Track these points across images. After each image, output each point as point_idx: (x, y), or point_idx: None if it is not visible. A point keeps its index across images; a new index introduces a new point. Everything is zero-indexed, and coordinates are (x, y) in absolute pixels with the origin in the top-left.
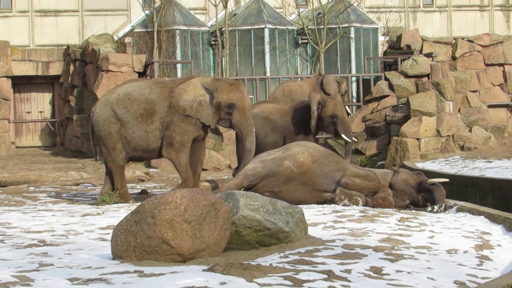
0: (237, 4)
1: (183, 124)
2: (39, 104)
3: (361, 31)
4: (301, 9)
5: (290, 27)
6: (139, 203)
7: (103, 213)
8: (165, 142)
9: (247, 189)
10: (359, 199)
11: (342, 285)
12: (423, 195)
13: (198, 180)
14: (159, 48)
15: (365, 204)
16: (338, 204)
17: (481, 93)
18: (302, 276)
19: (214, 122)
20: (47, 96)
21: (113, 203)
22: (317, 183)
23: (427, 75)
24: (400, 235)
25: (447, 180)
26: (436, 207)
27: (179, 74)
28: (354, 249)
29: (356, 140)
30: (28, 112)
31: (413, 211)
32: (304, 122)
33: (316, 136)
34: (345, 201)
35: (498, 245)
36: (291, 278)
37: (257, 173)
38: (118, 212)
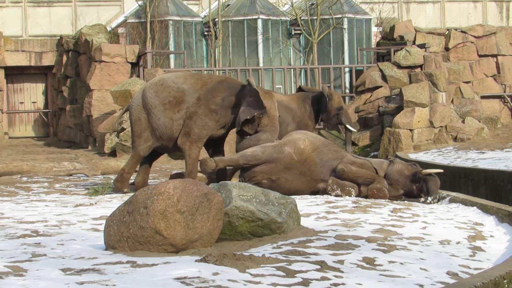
0: None
1: (206, 118)
2: (32, 95)
3: (354, 22)
4: (294, 0)
5: (283, 18)
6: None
7: (96, 203)
8: (183, 131)
9: (242, 171)
10: (352, 190)
11: (334, 276)
12: (417, 185)
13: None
14: (152, 39)
15: (358, 195)
16: (330, 194)
17: (474, 84)
18: (294, 266)
19: (240, 125)
20: (40, 87)
21: (106, 194)
22: (315, 172)
23: (420, 66)
24: (393, 226)
25: (441, 171)
26: (429, 198)
27: (172, 65)
28: (347, 240)
29: (355, 130)
30: (21, 103)
31: (405, 202)
32: (317, 113)
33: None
34: (337, 191)
35: (491, 236)
36: (283, 269)
37: (256, 155)
38: (111, 203)
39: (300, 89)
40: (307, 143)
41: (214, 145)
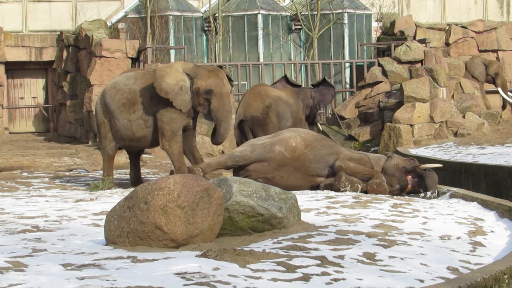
0: None
1: (169, 113)
2: (32, 90)
3: (355, 17)
4: None
5: (283, 13)
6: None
7: (96, 198)
8: (159, 133)
9: (235, 170)
10: (359, 186)
11: (335, 271)
12: (415, 181)
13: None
14: (152, 34)
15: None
16: (341, 190)
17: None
18: (295, 261)
19: (187, 108)
20: (41, 82)
21: (106, 189)
22: (310, 168)
23: (421, 61)
24: (393, 221)
25: (439, 165)
26: (428, 193)
27: (172, 60)
28: (347, 235)
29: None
30: (22, 98)
31: (406, 197)
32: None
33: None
34: (347, 188)
35: (491, 231)
36: (284, 264)
37: (244, 155)
38: (112, 198)
39: (286, 78)
40: (298, 140)
41: (184, 136)
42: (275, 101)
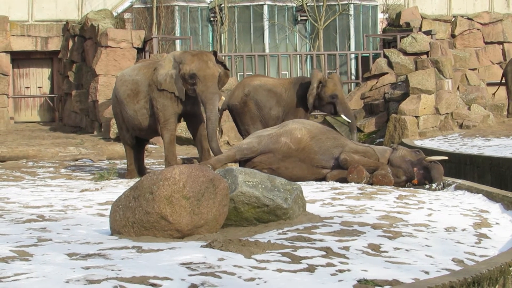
0: None
1: (161, 99)
2: (38, 80)
3: (360, 8)
4: None
5: (289, 4)
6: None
7: (101, 188)
8: (156, 121)
9: (241, 163)
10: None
11: (340, 262)
12: (421, 173)
13: (209, 154)
14: (158, 24)
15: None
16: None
17: (480, 71)
18: (300, 252)
19: (183, 94)
20: (46, 72)
21: (112, 179)
22: (315, 160)
23: (426, 53)
24: (399, 212)
25: (445, 158)
26: (434, 185)
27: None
28: (352, 226)
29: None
30: (27, 88)
31: (411, 188)
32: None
33: (314, 113)
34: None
35: (497, 223)
36: (289, 255)
37: (251, 147)
38: (117, 188)
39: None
40: (304, 132)
41: (191, 125)
42: (254, 90)
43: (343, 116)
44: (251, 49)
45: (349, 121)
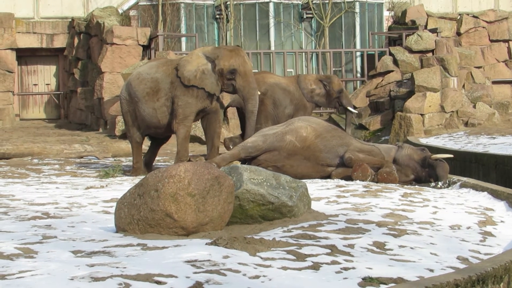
0: None
1: (185, 97)
2: (46, 77)
3: (366, 6)
4: None
5: (295, 1)
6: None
7: (106, 186)
8: (173, 116)
9: (247, 161)
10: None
11: (345, 260)
12: (426, 170)
13: (217, 153)
14: (163, 22)
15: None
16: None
17: (486, 69)
18: (305, 250)
19: (219, 90)
20: (52, 69)
21: (117, 176)
22: (320, 158)
23: (432, 51)
24: (403, 210)
25: (451, 155)
26: (439, 183)
27: (183, 48)
28: (357, 224)
29: (356, 112)
30: (35, 85)
31: (416, 186)
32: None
33: (319, 111)
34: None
35: (501, 221)
36: (294, 253)
37: (256, 146)
38: (122, 185)
39: None
40: (309, 131)
41: (207, 121)
42: (272, 88)
43: (349, 108)
44: (256, 46)
45: (355, 112)
